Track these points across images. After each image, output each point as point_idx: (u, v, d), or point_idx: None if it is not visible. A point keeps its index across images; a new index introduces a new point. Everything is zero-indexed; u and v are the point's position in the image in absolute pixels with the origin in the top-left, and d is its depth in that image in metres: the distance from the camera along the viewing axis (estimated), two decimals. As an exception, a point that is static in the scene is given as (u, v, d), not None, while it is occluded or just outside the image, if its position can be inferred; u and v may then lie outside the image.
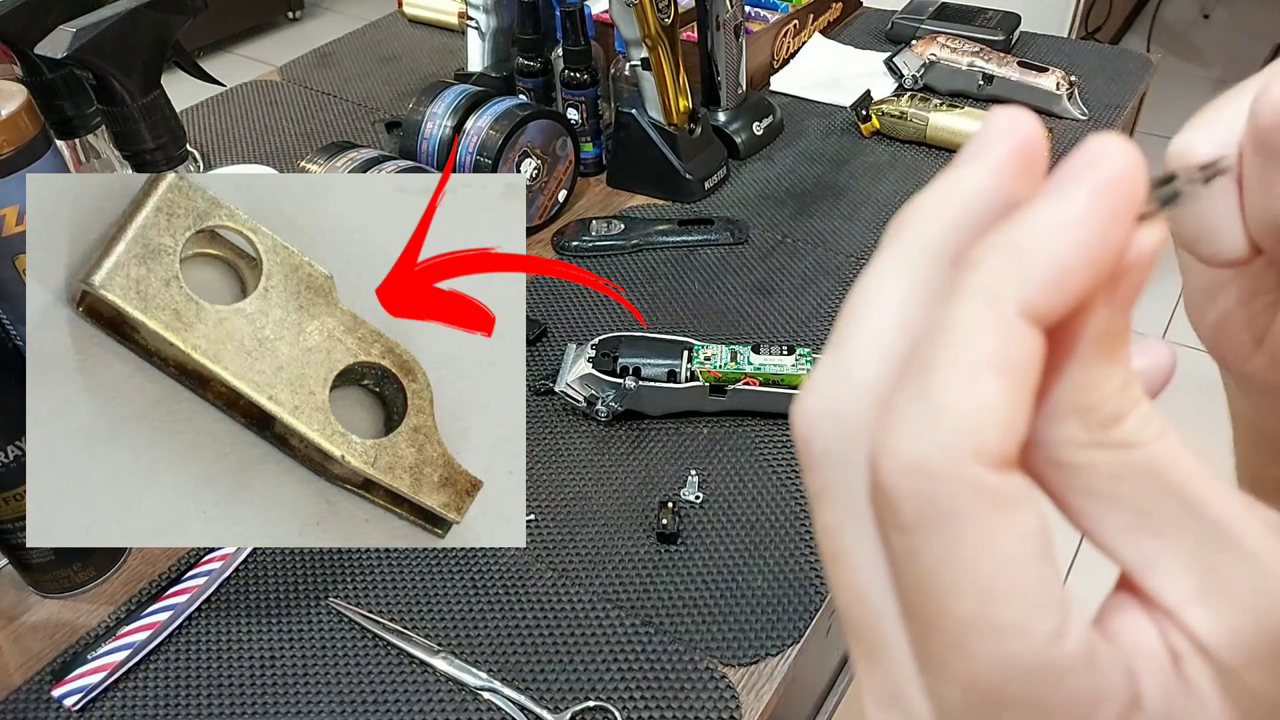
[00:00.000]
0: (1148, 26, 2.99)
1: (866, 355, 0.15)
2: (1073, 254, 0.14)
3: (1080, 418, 0.15)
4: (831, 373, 0.16)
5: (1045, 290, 0.14)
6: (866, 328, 0.16)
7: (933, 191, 0.16)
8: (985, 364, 0.14)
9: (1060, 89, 1.10)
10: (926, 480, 0.14)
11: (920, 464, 0.14)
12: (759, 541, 0.65)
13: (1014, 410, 0.14)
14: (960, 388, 0.14)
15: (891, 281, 0.16)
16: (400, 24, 1.42)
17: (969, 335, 0.14)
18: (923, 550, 0.14)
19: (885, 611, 0.16)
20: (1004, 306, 0.14)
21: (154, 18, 0.60)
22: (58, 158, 0.58)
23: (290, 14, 3.45)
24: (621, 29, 0.92)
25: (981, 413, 0.14)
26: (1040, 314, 0.14)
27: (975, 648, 0.14)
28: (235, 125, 1.18)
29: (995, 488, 0.14)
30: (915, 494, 0.14)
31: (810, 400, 0.16)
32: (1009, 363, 0.14)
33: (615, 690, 0.56)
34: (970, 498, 0.14)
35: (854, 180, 1.03)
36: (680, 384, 0.72)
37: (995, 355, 0.14)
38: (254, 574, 0.64)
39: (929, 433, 0.14)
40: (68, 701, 0.57)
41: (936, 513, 0.14)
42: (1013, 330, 0.14)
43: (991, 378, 0.14)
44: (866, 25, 1.35)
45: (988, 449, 0.14)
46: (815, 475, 0.16)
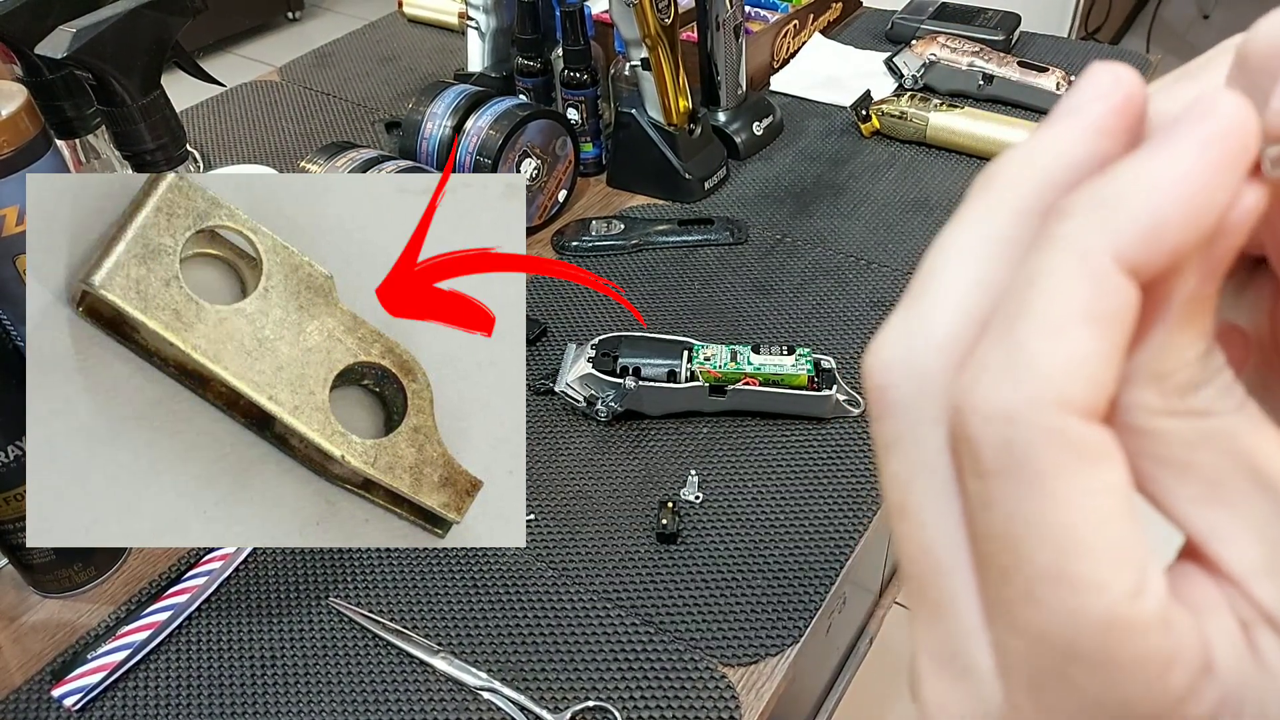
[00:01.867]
0: (1147, 26, 2.99)
1: (946, 308, 0.15)
2: (1175, 208, 0.13)
3: (1158, 383, 0.14)
4: (910, 323, 0.16)
5: (1142, 244, 0.13)
6: (947, 281, 0.15)
7: (1023, 147, 0.15)
8: (1076, 314, 0.13)
9: (1060, 89, 1.10)
10: (1011, 427, 0.14)
11: (1006, 411, 0.14)
12: (759, 541, 0.65)
13: (1103, 363, 0.14)
14: (1049, 338, 0.14)
15: (975, 236, 0.15)
16: (400, 24, 1.42)
17: (1060, 285, 0.14)
18: (1002, 498, 0.14)
19: (952, 564, 0.15)
20: (1098, 257, 0.13)
21: (154, 18, 0.60)
22: (58, 158, 0.58)
23: (290, 14, 3.45)
24: (621, 29, 0.92)
25: (1070, 363, 0.13)
26: (1135, 267, 0.14)
27: (1049, 599, 0.14)
28: (235, 125, 1.18)
29: (1081, 438, 0.14)
30: (999, 441, 0.14)
31: (887, 349, 0.16)
32: (1100, 314, 0.13)
33: (615, 690, 0.57)
34: (1055, 447, 0.13)
35: (853, 180, 1.03)
36: (680, 384, 0.72)
37: (1087, 306, 0.13)
38: (254, 574, 0.64)
39: (1016, 381, 0.14)
40: (68, 701, 0.57)
41: (1019, 460, 0.14)
42: (1106, 281, 0.14)
43: (1082, 329, 0.13)
44: (866, 25, 1.35)
45: (1075, 400, 0.13)
46: (888, 424, 0.16)
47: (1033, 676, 0.14)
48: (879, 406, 0.16)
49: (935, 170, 1.04)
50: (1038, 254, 0.14)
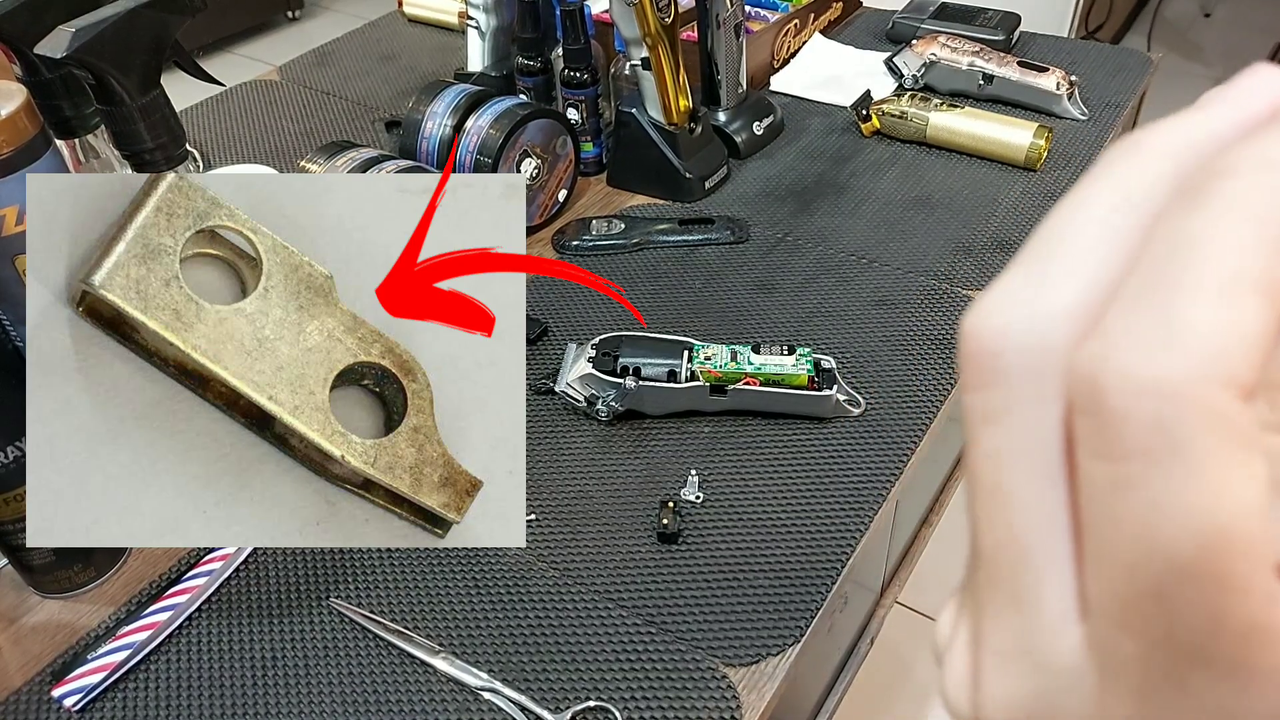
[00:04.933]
0: (1148, 25, 2.99)
1: (1079, 272, 0.14)
2: None
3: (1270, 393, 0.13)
4: (1031, 286, 0.14)
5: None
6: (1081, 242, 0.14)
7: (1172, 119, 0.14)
8: (1246, 281, 0.12)
9: (1060, 89, 1.10)
10: (1167, 403, 0.12)
11: (1162, 384, 0.12)
12: (760, 541, 0.65)
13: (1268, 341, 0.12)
14: (1214, 304, 0.12)
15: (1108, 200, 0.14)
16: (400, 23, 1.42)
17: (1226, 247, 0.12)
18: (1142, 482, 0.12)
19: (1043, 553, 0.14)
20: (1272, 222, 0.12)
21: (153, 18, 0.60)
22: (57, 158, 0.58)
23: (290, 14, 3.45)
24: (621, 28, 0.92)
25: (1238, 335, 0.12)
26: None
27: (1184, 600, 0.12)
28: (235, 125, 1.18)
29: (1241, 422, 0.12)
30: (1150, 418, 0.12)
31: (1003, 313, 0.14)
32: (1271, 285, 0.12)
33: (616, 690, 0.56)
34: (1215, 428, 0.12)
35: (854, 179, 1.03)
36: (680, 384, 0.72)
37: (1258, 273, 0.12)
38: (254, 574, 0.64)
39: (1174, 351, 0.12)
40: (68, 702, 0.57)
41: (1171, 441, 0.12)
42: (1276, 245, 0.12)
43: (1252, 297, 0.12)
44: (866, 25, 1.35)
45: (1239, 378, 0.12)
46: (993, 394, 0.14)
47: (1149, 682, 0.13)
48: (985, 375, 0.14)
49: (935, 170, 1.04)
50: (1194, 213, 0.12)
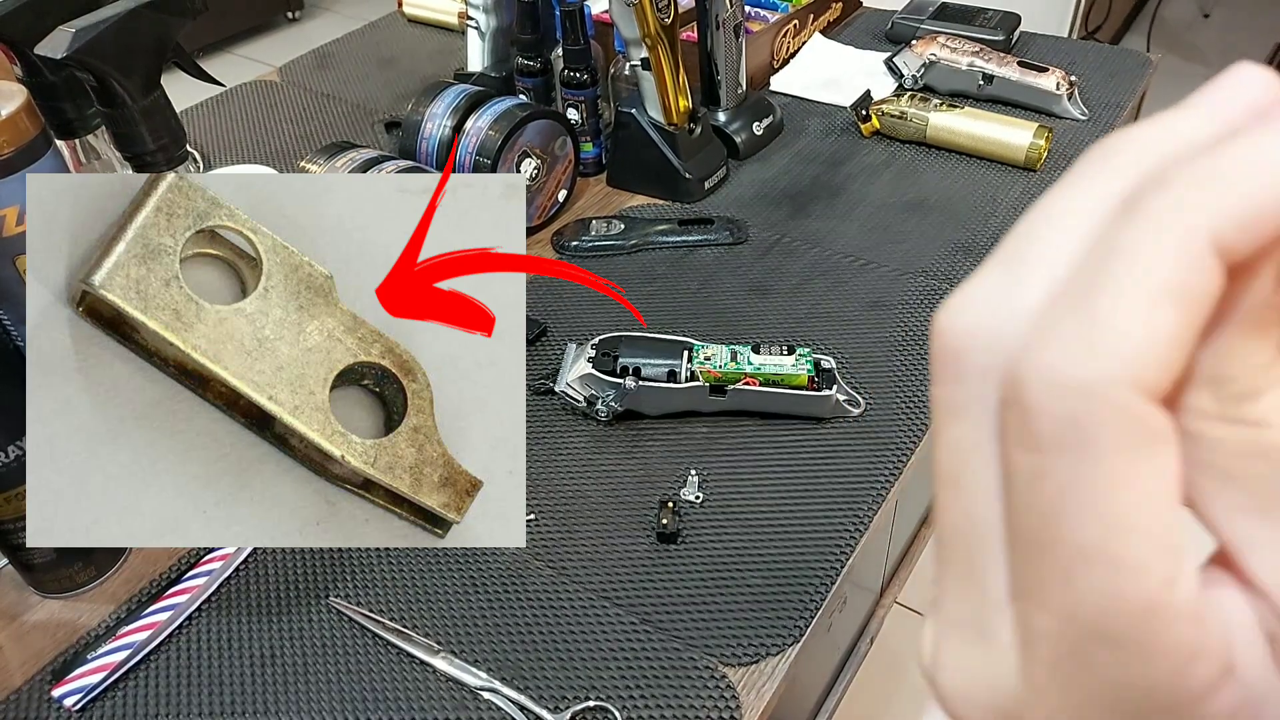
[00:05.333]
0: (1147, 26, 2.99)
1: (1039, 277, 0.14)
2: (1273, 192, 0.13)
3: (1214, 388, 0.14)
4: (998, 288, 0.15)
5: (1241, 226, 0.13)
6: (1043, 247, 0.15)
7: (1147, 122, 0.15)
8: (1164, 291, 0.13)
9: (1060, 89, 1.10)
10: (1079, 401, 0.13)
11: (1077, 383, 0.13)
12: (759, 541, 0.65)
13: (1180, 347, 0.13)
14: (1133, 311, 0.13)
15: (1079, 206, 0.15)
16: (400, 24, 1.42)
17: (1150, 258, 0.13)
18: (1053, 472, 0.14)
19: (991, 537, 0.15)
20: (1194, 234, 0.13)
21: (154, 18, 0.60)
22: (58, 158, 0.58)
23: (290, 14, 3.45)
24: (621, 29, 0.92)
25: (1152, 341, 0.13)
26: (1229, 249, 0.13)
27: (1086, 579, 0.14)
28: (235, 125, 1.18)
29: (1149, 421, 0.13)
30: (1062, 413, 0.13)
31: (970, 312, 0.15)
32: (1188, 295, 0.13)
33: (615, 690, 0.57)
34: (1122, 426, 0.13)
35: (853, 179, 1.03)
36: (680, 384, 0.72)
37: (1176, 283, 0.13)
38: (254, 574, 0.64)
39: (1091, 353, 0.13)
40: (68, 701, 0.57)
41: (1081, 436, 0.13)
42: (1199, 261, 0.13)
43: (1169, 306, 0.13)
44: (866, 25, 1.35)
45: (1150, 380, 0.13)
46: (956, 389, 0.15)
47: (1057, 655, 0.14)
48: (950, 370, 0.15)
49: (935, 170, 1.04)
50: (1129, 223, 0.13)
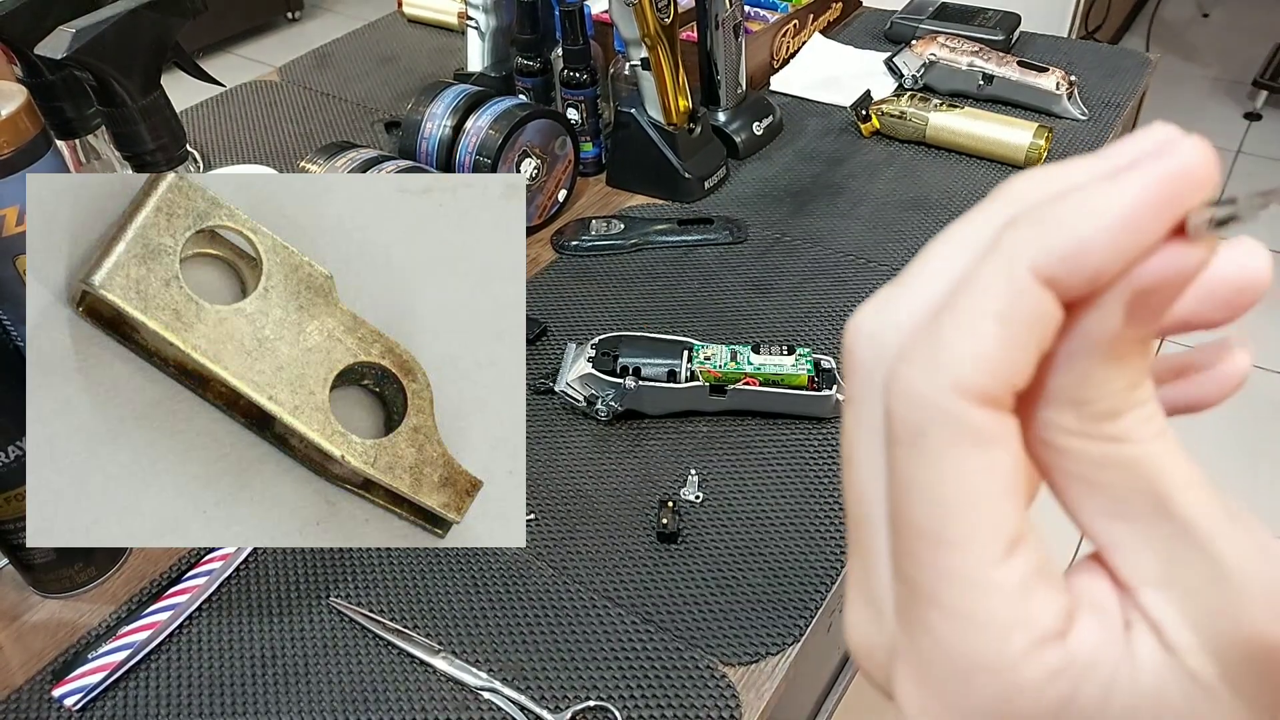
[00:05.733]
0: (1147, 26, 2.99)
1: (916, 295, 0.17)
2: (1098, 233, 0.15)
3: (1076, 408, 0.16)
4: (886, 301, 0.18)
5: (1060, 259, 0.15)
6: (926, 273, 0.17)
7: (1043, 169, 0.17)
8: (987, 313, 0.15)
9: (1060, 89, 1.10)
10: (913, 404, 0.16)
11: (912, 390, 0.16)
12: (759, 540, 0.65)
13: (1007, 358, 0.15)
14: (960, 330, 0.15)
15: (963, 239, 0.17)
16: (400, 24, 1.42)
17: (983, 287, 0.15)
18: (903, 464, 0.16)
19: (876, 513, 0.18)
20: (1017, 265, 0.15)
21: (154, 18, 0.60)
22: (58, 158, 0.58)
23: (290, 14, 3.45)
24: (621, 29, 0.92)
25: (973, 354, 0.15)
26: (1052, 278, 0.15)
27: (923, 554, 0.16)
28: (235, 125, 1.18)
29: (970, 421, 0.15)
30: (906, 416, 0.16)
31: (862, 319, 0.18)
32: (1010, 316, 0.15)
33: (615, 689, 0.57)
34: (944, 426, 0.15)
35: (852, 179, 1.03)
36: (680, 384, 0.72)
37: (998, 307, 0.15)
38: (254, 574, 0.64)
39: (926, 364, 0.16)
40: (68, 701, 0.57)
41: (916, 433, 0.16)
42: (1021, 287, 0.15)
43: (990, 325, 0.15)
44: (866, 25, 1.35)
45: (972, 386, 0.15)
46: (850, 383, 0.18)
47: (907, 619, 0.17)
48: (847, 367, 0.18)
49: (935, 170, 1.04)
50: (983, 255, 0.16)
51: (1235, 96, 2.81)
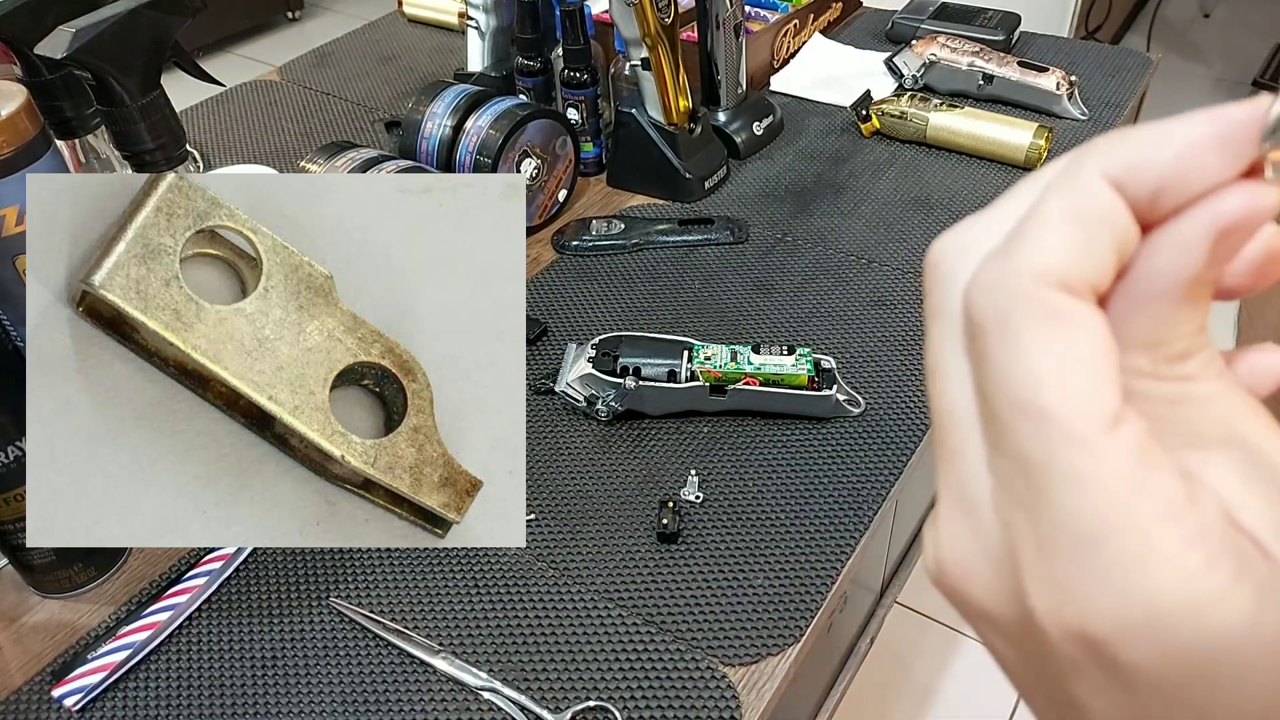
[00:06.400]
0: (1148, 25, 2.99)
1: (996, 220, 0.19)
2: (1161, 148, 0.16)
3: (1151, 350, 0.17)
4: (968, 226, 0.19)
5: (1125, 166, 0.16)
6: (1007, 203, 0.19)
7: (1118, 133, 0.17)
8: (1057, 215, 0.17)
9: (1060, 89, 1.10)
10: (998, 293, 0.17)
11: (996, 281, 0.17)
12: (759, 541, 0.65)
13: (1081, 251, 0.16)
14: (1036, 229, 0.17)
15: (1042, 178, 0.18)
16: (400, 24, 1.42)
17: (1057, 192, 0.17)
18: (990, 350, 0.17)
19: (966, 416, 0.18)
20: (1087, 170, 0.17)
21: (153, 18, 0.60)
22: (58, 158, 0.57)
23: (290, 14, 3.45)
24: (621, 29, 0.92)
25: (1049, 248, 0.16)
26: (1119, 182, 0.16)
27: (1025, 430, 0.16)
28: (235, 125, 1.18)
29: (1048, 299, 0.16)
30: (988, 304, 0.17)
31: (948, 237, 0.19)
32: (1079, 215, 0.16)
33: (615, 690, 0.56)
34: (1025, 305, 0.16)
35: (853, 179, 1.03)
36: (680, 384, 0.72)
37: (1071, 206, 0.17)
38: (254, 574, 0.64)
39: (1007, 260, 0.17)
40: (68, 701, 0.57)
41: (1004, 319, 0.17)
42: (1091, 189, 0.17)
43: (1063, 224, 0.17)
44: (866, 25, 1.35)
45: (1045, 271, 0.16)
46: (933, 296, 0.19)
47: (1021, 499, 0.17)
48: (929, 281, 0.19)
49: (935, 170, 1.04)
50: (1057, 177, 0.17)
51: (1236, 96, 2.78)
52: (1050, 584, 0.16)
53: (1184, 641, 0.15)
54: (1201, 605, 0.15)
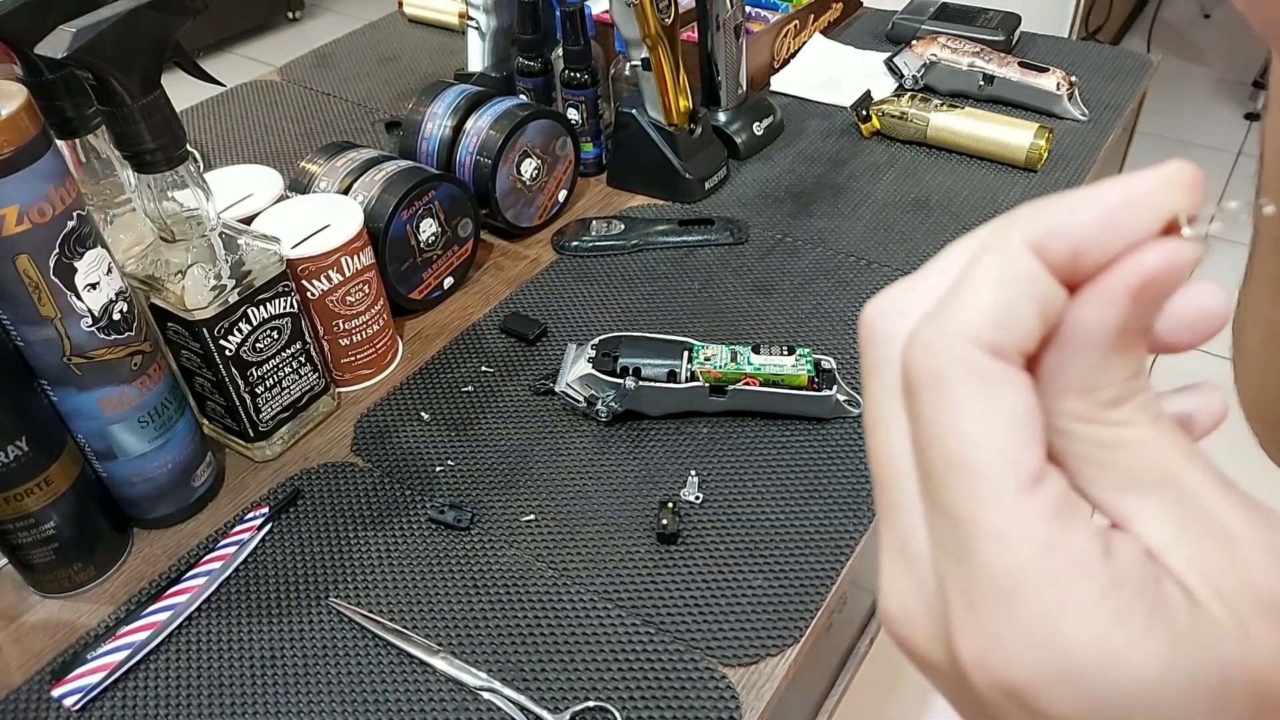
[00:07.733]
0: (1148, 26, 2.99)
1: (929, 283, 0.20)
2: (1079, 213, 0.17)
3: (1085, 396, 0.18)
4: (906, 284, 0.20)
5: (1046, 231, 0.17)
6: (937, 267, 0.20)
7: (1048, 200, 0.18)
8: (988, 279, 0.18)
9: (1060, 89, 1.10)
10: (932, 354, 0.18)
11: (930, 342, 0.18)
12: (759, 541, 0.65)
13: (1008, 315, 0.17)
14: (966, 295, 0.18)
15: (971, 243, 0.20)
16: (400, 24, 1.42)
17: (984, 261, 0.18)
18: (926, 408, 0.18)
19: (904, 472, 0.19)
20: (1011, 239, 0.18)
21: (154, 18, 0.60)
22: (58, 158, 0.57)
23: (290, 14, 3.45)
24: (621, 29, 0.92)
25: (976, 309, 0.17)
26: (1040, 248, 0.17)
27: (954, 484, 0.17)
28: (235, 125, 1.18)
29: (977, 362, 0.17)
30: (922, 365, 0.18)
31: (883, 297, 0.20)
32: (1006, 279, 0.17)
33: (615, 690, 0.56)
34: (960, 369, 0.17)
35: (853, 180, 1.03)
36: (680, 384, 0.72)
37: (996, 273, 0.18)
38: (254, 574, 0.64)
39: (940, 323, 0.18)
40: (67, 701, 0.57)
41: (936, 379, 0.18)
42: (1014, 255, 0.18)
43: (989, 287, 0.18)
44: (866, 25, 1.35)
45: (975, 334, 0.17)
46: (870, 354, 0.20)
47: (949, 550, 0.18)
48: (864, 340, 0.20)
49: (935, 170, 1.04)
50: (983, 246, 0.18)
51: (1237, 97, 2.81)
52: (976, 634, 0.17)
53: (1100, 690, 0.16)
54: (1114, 655, 0.16)
